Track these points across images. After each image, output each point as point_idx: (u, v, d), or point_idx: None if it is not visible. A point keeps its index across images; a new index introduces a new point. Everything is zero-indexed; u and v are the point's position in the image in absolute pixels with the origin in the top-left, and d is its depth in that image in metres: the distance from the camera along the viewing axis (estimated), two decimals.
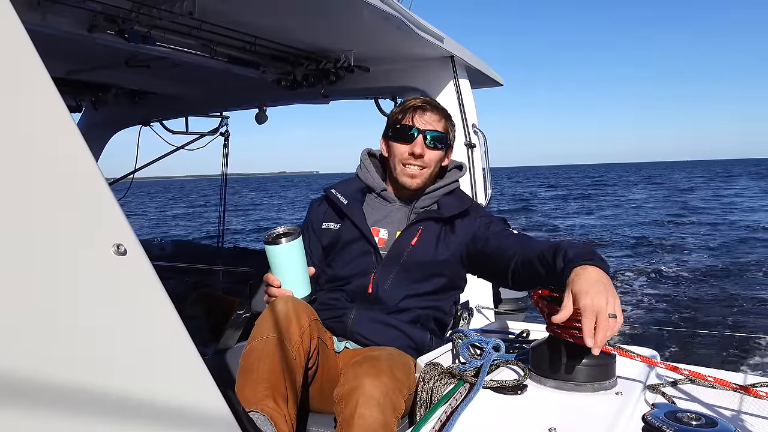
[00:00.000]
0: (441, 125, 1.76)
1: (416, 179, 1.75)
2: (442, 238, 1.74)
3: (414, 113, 1.74)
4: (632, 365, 1.43)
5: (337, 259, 1.77)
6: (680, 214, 22.15)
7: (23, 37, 0.71)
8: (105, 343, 0.72)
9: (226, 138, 4.37)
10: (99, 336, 0.72)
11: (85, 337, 0.70)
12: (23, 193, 0.68)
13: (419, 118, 1.73)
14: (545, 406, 1.23)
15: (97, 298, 0.72)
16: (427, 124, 1.73)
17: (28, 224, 0.68)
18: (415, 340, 1.68)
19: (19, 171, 0.68)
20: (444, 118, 1.78)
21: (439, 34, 2.52)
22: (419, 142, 1.72)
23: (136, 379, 0.74)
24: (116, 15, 2.07)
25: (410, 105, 1.76)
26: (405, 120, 1.74)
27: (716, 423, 1.09)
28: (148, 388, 0.75)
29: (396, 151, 1.75)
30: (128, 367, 0.74)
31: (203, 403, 0.82)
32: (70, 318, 0.69)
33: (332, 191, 1.82)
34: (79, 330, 0.70)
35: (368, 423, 1.27)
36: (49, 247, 0.69)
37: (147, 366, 0.76)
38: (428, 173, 1.76)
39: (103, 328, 0.72)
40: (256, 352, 1.37)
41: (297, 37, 2.55)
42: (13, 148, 0.68)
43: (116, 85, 3.55)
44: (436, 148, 1.75)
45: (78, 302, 0.70)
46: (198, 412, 0.82)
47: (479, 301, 2.47)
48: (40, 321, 0.66)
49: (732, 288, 9.45)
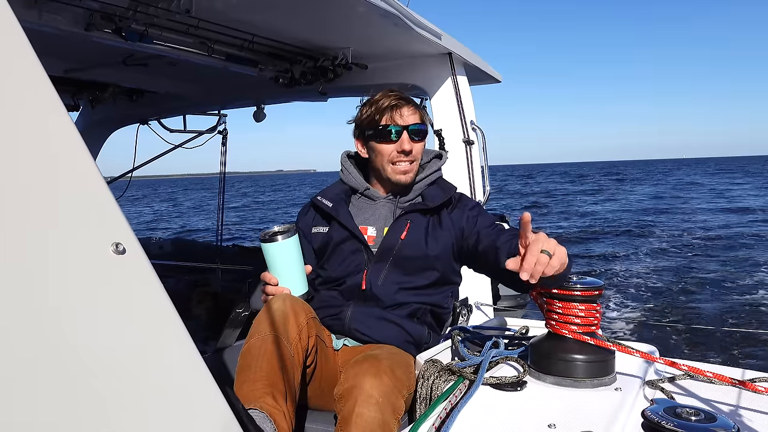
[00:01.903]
0: (418, 116, 1.78)
1: (409, 174, 1.78)
2: (431, 230, 1.75)
3: (392, 112, 1.75)
4: (631, 361, 1.44)
5: (330, 260, 1.78)
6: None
7: (20, 36, 0.71)
8: (103, 342, 0.72)
9: (224, 136, 4.37)
10: (97, 335, 0.71)
11: (83, 335, 0.70)
12: (20, 192, 0.68)
13: (398, 116, 1.75)
14: (545, 402, 1.23)
15: (95, 297, 0.72)
16: (407, 119, 1.75)
17: (25, 223, 0.68)
18: (413, 335, 1.68)
19: (16, 170, 0.68)
20: (417, 108, 1.81)
21: (437, 30, 2.52)
22: (405, 139, 1.74)
23: (135, 378, 0.74)
24: (113, 13, 2.06)
25: (385, 105, 1.76)
26: (384, 120, 1.75)
27: (715, 418, 1.10)
28: (148, 387, 0.75)
29: (382, 151, 1.77)
30: (127, 366, 0.74)
31: (203, 402, 0.82)
32: (67, 317, 0.69)
33: (317, 198, 1.85)
34: (76, 329, 0.70)
35: (366, 422, 1.27)
36: (46, 245, 0.69)
37: (146, 365, 0.76)
38: (417, 166, 1.80)
39: (101, 327, 0.72)
40: (254, 350, 1.38)
41: (295, 35, 2.54)
42: (9, 146, 0.68)
43: (114, 83, 3.54)
44: (419, 140, 1.78)
45: (76, 301, 0.70)
46: (198, 410, 0.82)
47: (478, 298, 2.47)
48: (37, 320, 0.66)
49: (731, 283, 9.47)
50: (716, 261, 11.74)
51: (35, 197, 0.69)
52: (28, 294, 0.66)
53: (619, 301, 8.50)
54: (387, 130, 1.75)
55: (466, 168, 2.68)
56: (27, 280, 0.66)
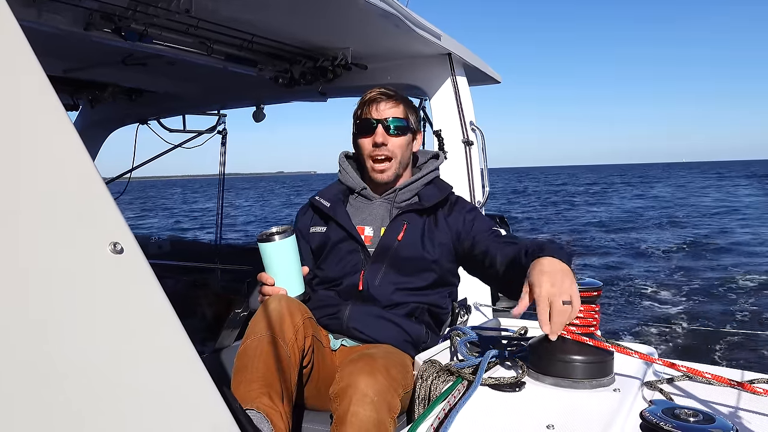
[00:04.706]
0: (399, 111, 1.77)
1: (386, 173, 1.77)
2: (427, 231, 1.75)
3: (370, 106, 1.76)
4: (630, 362, 1.44)
5: (327, 260, 1.78)
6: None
7: (19, 35, 0.71)
8: (101, 342, 0.72)
9: (224, 136, 4.37)
10: (95, 335, 0.71)
11: (81, 335, 0.70)
12: (19, 192, 0.68)
13: (375, 109, 1.75)
14: (543, 403, 1.23)
15: (93, 297, 0.72)
16: (385, 113, 1.75)
17: (23, 223, 0.67)
18: (411, 334, 1.68)
19: (14, 169, 0.68)
20: (402, 103, 1.80)
21: (437, 31, 2.52)
22: (379, 131, 1.74)
23: (133, 377, 0.74)
24: (113, 13, 2.06)
25: (366, 99, 1.78)
26: (364, 114, 1.77)
27: (714, 419, 1.09)
28: (145, 387, 0.75)
29: (362, 146, 1.78)
30: (125, 365, 0.73)
31: (200, 402, 0.82)
32: (65, 317, 0.69)
33: (315, 198, 1.86)
34: (74, 329, 0.70)
35: (361, 421, 1.27)
36: (44, 245, 0.69)
37: (144, 365, 0.76)
38: (397, 164, 1.78)
39: (99, 327, 0.72)
40: (251, 350, 1.38)
41: (294, 35, 2.54)
42: (8, 146, 0.68)
43: (113, 83, 3.54)
44: (398, 134, 1.76)
45: (74, 301, 0.70)
46: (195, 410, 0.82)
47: (477, 299, 2.47)
48: (35, 320, 0.66)
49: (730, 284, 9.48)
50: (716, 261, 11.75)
51: (33, 196, 0.69)
52: (25, 293, 0.66)
53: (618, 302, 8.51)
54: (364, 123, 1.76)
55: (466, 169, 2.68)
56: (24, 279, 0.66)
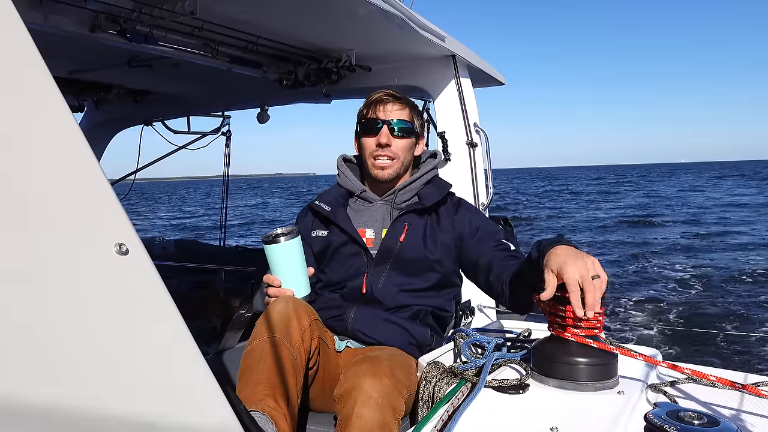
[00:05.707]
0: (405, 114, 1.79)
1: (386, 170, 1.77)
2: (429, 231, 1.75)
3: (377, 106, 1.78)
4: (634, 364, 1.43)
5: (330, 264, 1.79)
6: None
7: (25, 37, 0.71)
8: (106, 343, 0.72)
9: (228, 138, 4.37)
10: (100, 336, 0.72)
11: (87, 336, 0.70)
12: (24, 193, 0.68)
13: (382, 110, 1.77)
14: (547, 405, 1.23)
15: (98, 298, 0.72)
16: (391, 114, 1.76)
17: (29, 224, 0.68)
18: (416, 336, 1.68)
19: (20, 170, 0.68)
20: (408, 107, 1.81)
21: (441, 33, 2.52)
22: (384, 132, 1.75)
23: (138, 379, 0.74)
24: (118, 15, 2.07)
25: (373, 99, 1.79)
26: (369, 114, 1.78)
27: (718, 422, 1.09)
28: (150, 388, 0.75)
29: (365, 145, 1.79)
30: (129, 367, 0.74)
31: (205, 403, 0.82)
32: (71, 318, 0.69)
33: (315, 202, 1.86)
34: (80, 330, 0.70)
35: (366, 423, 1.27)
36: (50, 246, 0.69)
37: (148, 366, 0.76)
38: (399, 164, 1.79)
39: (104, 328, 0.72)
40: (256, 352, 1.38)
41: (298, 37, 2.55)
42: (14, 147, 0.68)
43: (118, 84, 3.56)
44: (402, 136, 1.77)
45: (79, 302, 0.70)
46: (200, 411, 0.82)
47: (481, 301, 2.47)
48: (40, 321, 0.66)
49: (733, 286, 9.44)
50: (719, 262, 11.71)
51: (39, 197, 0.69)
52: (31, 294, 0.66)
53: (622, 304, 8.49)
54: (369, 122, 1.77)
55: (470, 170, 2.68)
56: (30, 280, 0.66)
